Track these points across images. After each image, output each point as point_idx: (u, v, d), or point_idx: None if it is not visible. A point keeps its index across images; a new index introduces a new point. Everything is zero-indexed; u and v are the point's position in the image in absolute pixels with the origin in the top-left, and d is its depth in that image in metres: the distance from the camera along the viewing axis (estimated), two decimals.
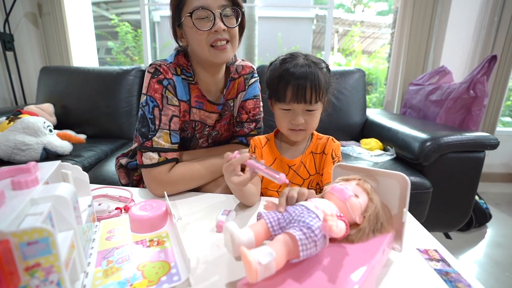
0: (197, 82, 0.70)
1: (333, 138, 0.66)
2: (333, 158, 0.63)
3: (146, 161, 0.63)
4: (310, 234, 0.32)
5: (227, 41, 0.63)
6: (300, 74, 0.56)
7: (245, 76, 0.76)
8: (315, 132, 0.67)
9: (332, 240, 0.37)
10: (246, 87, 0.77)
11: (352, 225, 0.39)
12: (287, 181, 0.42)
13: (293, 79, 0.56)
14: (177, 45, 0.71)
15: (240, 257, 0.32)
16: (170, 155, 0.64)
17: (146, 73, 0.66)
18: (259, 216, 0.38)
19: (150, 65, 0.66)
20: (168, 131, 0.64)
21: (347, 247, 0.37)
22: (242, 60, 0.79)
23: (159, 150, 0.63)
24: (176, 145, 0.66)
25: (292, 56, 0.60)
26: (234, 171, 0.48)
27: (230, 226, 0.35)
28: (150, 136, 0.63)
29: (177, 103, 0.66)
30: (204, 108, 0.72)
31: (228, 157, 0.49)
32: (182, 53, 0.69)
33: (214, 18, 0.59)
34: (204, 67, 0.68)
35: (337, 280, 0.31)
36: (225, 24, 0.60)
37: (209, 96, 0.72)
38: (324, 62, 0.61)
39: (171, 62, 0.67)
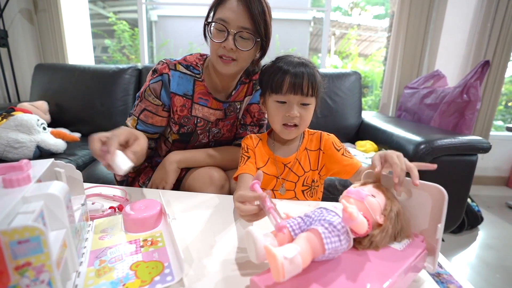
0: (204, 79, 0.73)
1: (326, 133, 0.67)
2: (338, 150, 0.64)
3: None
4: (332, 228, 0.32)
5: (234, 60, 0.65)
6: (297, 69, 0.58)
7: (254, 81, 0.78)
8: (307, 129, 0.68)
9: (358, 246, 0.37)
10: (253, 92, 0.78)
11: (374, 226, 0.38)
12: (284, 232, 0.36)
13: (291, 71, 0.58)
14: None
15: (256, 261, 0.32)
16: None
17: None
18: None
19: (158, 62, 0.74)
20: (136, 118, 0.73)
21: (375, 255, 0.36)
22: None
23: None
24: (142, 132, 0.72)
25: (287, 55, 0.62)
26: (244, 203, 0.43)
27: (252, 231, 0.33)
28: (129, 115, 0.76)
29: (155, 102, 0.72)
30: (208, 105, 0.75)
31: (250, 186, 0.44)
32: (198, 53, 0.76)
33: (227, 34, 0.62)
34: (215, 72, 0.72)
35: None
36: (235, 45, 0.63)
37: (215, 94, 0.75)
38: (316, 65, 0.64)
39: (175, 60, 0.73)
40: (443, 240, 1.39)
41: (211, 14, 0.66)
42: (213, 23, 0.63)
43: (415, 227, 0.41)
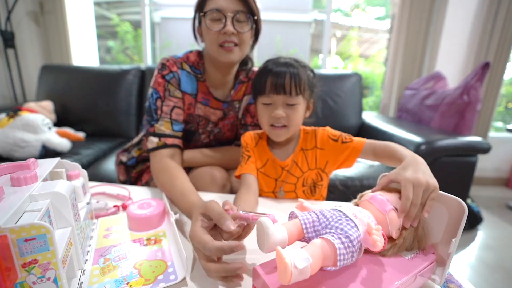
0: (206, 79, 0.73)
1: (320, 128, 0.65)
2: (336, 141, 0.62)
3: (149, 145, 0.67)
4: (349, 244, 0.30)
5: (236, 44, 0.65)
6: (279, 68, 0.58)
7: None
8: (302, 127, 0.66)
9: (365, 251, 0.36)
10: None
11: (387, 238, 0.36)
12: (277, 220, 0.36)
13: (273, 71, 0.58)
14: (196, 43, 0.75)
15: (265, 252, 0.32)
16: (170, 141, 0.66)
17: (156, 68, 0.71)
18: (292, 215, 0.37)
19: (162, 59, 0.71)
20: (169, 119, 0.67)
21: (380, 261, 0.35)
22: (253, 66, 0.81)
23: (159, 135, 0.66)
24: (179, 132, 0.69)
25: (276, 57, 0.62)
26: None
27: (265, 222, 0.32)
28: (153, 123, 0.67)
29: (179, 95, 0.70)
30: (209, 104, 0.75)
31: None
32: (196, 51, 0.74)
33: (226, 20, 0.62)
34: (215, 65, 0.72)
35: None
36: (235, 28, 0.63)
37: (215, 94, 0.75)
38: (308, 66, 0.63)
39: (179, 57, 0.72)
40: None
41: (202, 10, 0.65)
42: (207, 15, 0.63)
43: (428, 238, 0.40)
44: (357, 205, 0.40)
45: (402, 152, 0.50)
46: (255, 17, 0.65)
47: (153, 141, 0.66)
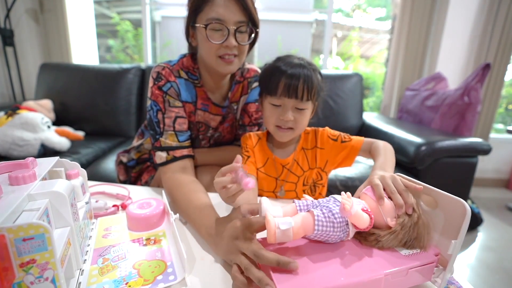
0: (203, 85, 0.71)
1: (320, 129, 0.66)
2: (335, 140, 0.63)
3: (157, 159, 0.65)
4: (329, 214, 0.35)
5: (235, 55, 0.63)
6: (294, 70, 0.56)
7: (249, 80, 0.77)
8: None
9: (363, 242, 0.38)
10: (249, 90, 0.77)
11: (385, 228, 0.38)
12: (250, 188, 0.37)
13: (286, 73, 0.56)
14: (187, 44, 0.71)
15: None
16: (179, 153, 0.64)
17: (150, 77, 0.67)
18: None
19: (155, 67, 0.67)
20: (173, 132, 0.65)
21: (374, 252, 0.36)
22: (248, 63, 0.79)
23: (167, 149, 0.64)
24: (186, 142, 0.66)
25: (287, 56, 0.61)
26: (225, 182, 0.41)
27: (264, 200, 0.38)
28: (157, 137, 0.65)
29: (180, 105, 0.67)
30: (209, 110, 0.73)
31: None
32: (190, 55, 0.70)
33: (228, 33, 0.59)
34: (210, 72, 0.69)
35: (329, 275, 0.32)
36: (236, 40, 0.60)
37: (213, 99, 0.73)
38: (318, 68, 0.62)
39: (174, 64, 0.68)
40: None
41: (198, 15, 0.61)
42: (207, 26, 0.58)
43: (426, 238, 0.39)
44: (358, 197, 0.43)
45: (379, 156, 0.55)
46: (258, 30, 0.63)
47: (161, 156, 0.63)
